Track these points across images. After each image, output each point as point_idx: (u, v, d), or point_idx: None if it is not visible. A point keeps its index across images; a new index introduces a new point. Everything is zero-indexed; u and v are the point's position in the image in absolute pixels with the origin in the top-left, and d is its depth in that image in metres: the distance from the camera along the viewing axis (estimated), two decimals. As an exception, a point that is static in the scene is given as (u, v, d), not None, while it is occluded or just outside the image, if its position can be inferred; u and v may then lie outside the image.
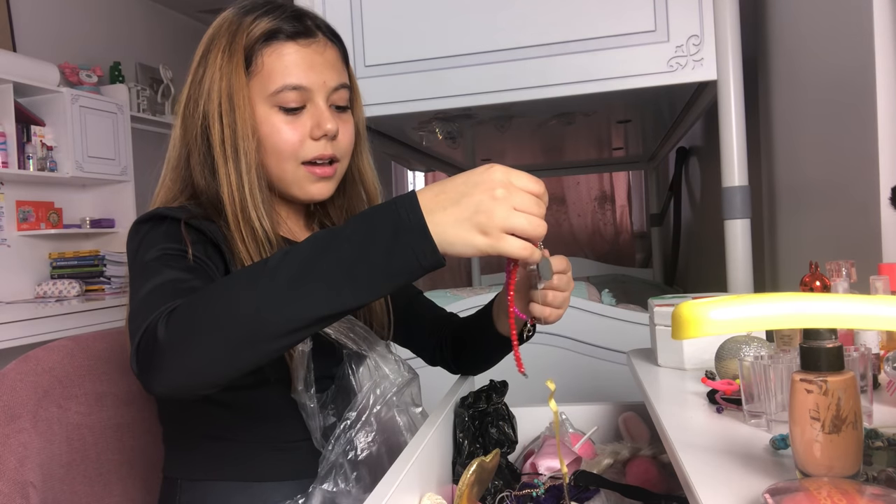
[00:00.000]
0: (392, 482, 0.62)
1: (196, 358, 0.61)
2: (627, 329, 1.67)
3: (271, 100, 0.84)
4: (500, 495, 0.88)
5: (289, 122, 0.85)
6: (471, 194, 0.60)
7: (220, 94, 0.83)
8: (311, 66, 0.85)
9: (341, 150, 0.89)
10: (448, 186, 0.61)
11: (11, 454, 0.84)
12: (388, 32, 1.73)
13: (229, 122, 0.83)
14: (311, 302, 0.60)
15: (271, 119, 0.84)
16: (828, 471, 0.50)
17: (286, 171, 0.86)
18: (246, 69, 0.84)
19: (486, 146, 2.91)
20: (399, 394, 0.85)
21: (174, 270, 0.73)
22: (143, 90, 3.94)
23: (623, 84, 1.60)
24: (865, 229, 1.13)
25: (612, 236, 4.85)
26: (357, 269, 0.59)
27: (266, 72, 0.84)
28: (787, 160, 1.60)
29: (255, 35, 0.84)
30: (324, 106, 0.86)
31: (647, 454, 0.99)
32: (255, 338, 0.61)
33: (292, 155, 0.85)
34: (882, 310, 0.44)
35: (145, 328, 0.63)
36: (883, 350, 0.80)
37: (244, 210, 0.82)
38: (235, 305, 0.60)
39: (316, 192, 0.89)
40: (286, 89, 0.84)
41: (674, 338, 0.47)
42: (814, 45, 1.38)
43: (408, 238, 0.59)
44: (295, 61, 0.84)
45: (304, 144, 0.86)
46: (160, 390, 0.62)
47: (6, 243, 3.23)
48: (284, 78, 0.84)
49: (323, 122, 0.85)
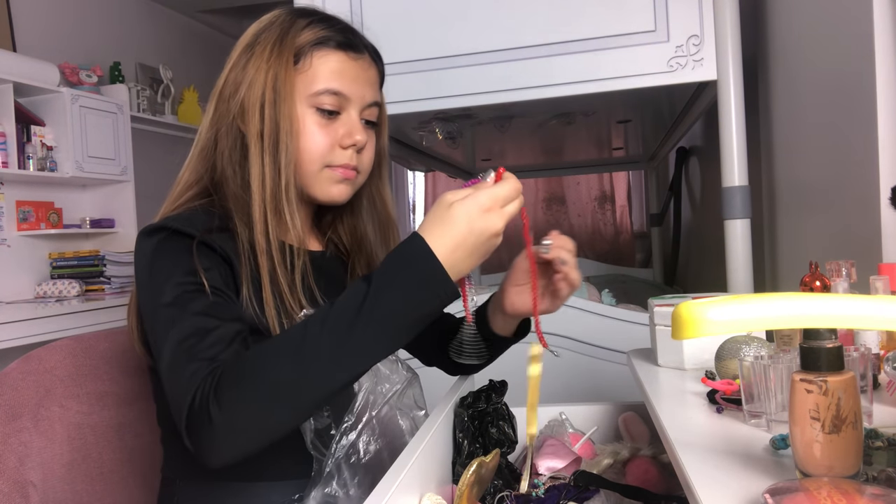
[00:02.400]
0: (392, 482, 0.62)
1: (253, 437, 0.68)
2: (627, 329, 1.67)
3: (310, 100, 0.86)
4: (500, 495, 0.88)
5: (322, 126, 0.86)
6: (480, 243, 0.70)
7: (264, 84, 0.84)
8: (355, 78, 0.88)
9: (363, 165, 0.91)
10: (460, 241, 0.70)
11: (12, 453, 0.84)
12: (388, 32, 1.73)
13: (272, 114, 0.83)
14: (357, 366, 0.70)
15: (306, 119, 0.86)
16: (828, 471, 0.50)
17: (310, 171, 0.87)
18: (294, 66, 0.86)
19: (486, 146, 2.91)
20: (400, 395, 0.85)
21: (197, 316, 0.74)
22: (143, 90, 3.94)
23: (623, 84, 1.60)
24: (865, 229, 1.13)
25: (612, 236, 4.85)
26: (398, 334, 0.70)
27: (312, 72, 0.86)
28: (787, 160, 1.60)
29: (308, 36, 0.87)
30: (357, 118, 0.89)
31: (647, 454, 0.99)
32: (307, 407, 0.70)
33: (320, 158, 0.87)
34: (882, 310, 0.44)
35: (192, 404, 0.67)
36: (883, 350, 0.80)
37: (277, 204, 0.83)
38: (286, 386, 0.67)
39: (336, 193, 0.90)
40: (328, 93, 0.86)
41: (674, 338, 0.47)
42: (814, 45, 1.38)
43: (436, 289, 0.69)
44: (342, 70, 0.87)
45: (333, 150, 0.87)
46: (219, 464, 0.68)
47: (6, 243, 3.23)
48: (329, 82, 0.86)
49: (354, 132, 0.88)
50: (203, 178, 0.87)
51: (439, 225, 0.70)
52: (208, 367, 0.69)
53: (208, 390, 0.67)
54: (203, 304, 0.75)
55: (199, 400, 0.67)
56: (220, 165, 0.86)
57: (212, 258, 0.79)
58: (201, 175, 0.88)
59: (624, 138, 2.95)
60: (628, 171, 4.69)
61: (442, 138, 2.34)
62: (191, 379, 0.69)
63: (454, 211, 0.69)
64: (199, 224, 0.80)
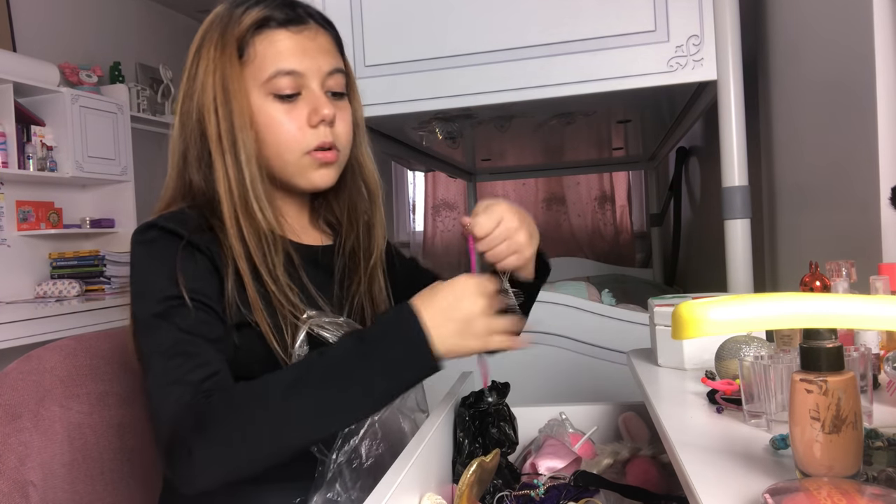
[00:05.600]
0: (392, 482, 0.63)
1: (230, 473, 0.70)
2: (627, 329, 1.67)
3: (265, 87, 0.83)
4: (500, 495, 0.88)
5: (285, 111, 0.84)
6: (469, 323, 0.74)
7: (214, 85, 0.82)
8: (304, 51, 0.84)
9: (339, 139, 0.88)
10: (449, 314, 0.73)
11: (12, 453, 0.84)
12: (388, 32, 1.73)
13: (225, 113, 0.82)
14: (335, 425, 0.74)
15: (267, 108, 0.84)
16: (828, 471, 0.50)
17: (288, 161, 0.85)
18: (239, 59, 0.84)
19: (486, 146, 2.91)
20: (403, 398, 0.85)
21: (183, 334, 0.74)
22: (143, 90, 3.94)
23: (623, 84, 1.60)
24: (865, 229, 1.13)
25: (612, 236, 4.85)
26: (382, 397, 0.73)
27: (259, 60, 0.83)
28: (787, 160, 1.60)
29: (246, 24, 0.84)
30: (319, 92, 0.85)
31: (647, 454, 0.99)
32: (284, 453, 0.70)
33: (294, 145, 0.84)
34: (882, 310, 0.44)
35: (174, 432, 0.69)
36: (883, 350, 0.80)
37: (246, 203, 0.82)
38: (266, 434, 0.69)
39: (319, 179, 0.87)
40: (279, 74, 0.83)
41: (674, 338, 0.47)
42: (814, 45, 1.38)
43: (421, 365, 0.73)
44: (287, 47, 0.84)
45: (304, 133, 0.84)
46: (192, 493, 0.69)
47: (6, 243, 3.23)
48: (277, 63, 0.83)
49: (320, 108, 0.84)
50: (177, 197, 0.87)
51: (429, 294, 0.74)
52: (192, 394, 0.71)
53: (192, 423, 0.68)
54: (189, 321, 0.75)
55: (181, 431, 0.68)
56: (189, 174, 0.85)
57: (200, 262, 0.79)
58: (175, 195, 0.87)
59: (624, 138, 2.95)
60: (628, 171, 4.69)
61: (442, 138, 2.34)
62: (176, 404, 0.70)
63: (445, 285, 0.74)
64: (190, 224, 0.80)
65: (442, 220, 5.13)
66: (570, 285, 1.95)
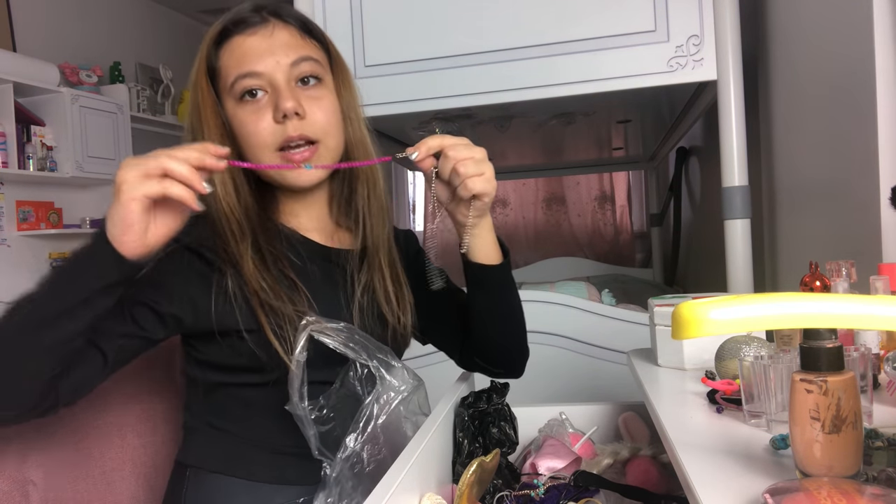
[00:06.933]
0: (392, 482, 0.63)
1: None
2: (627, 329, 1.67)
3: (232, 94, 0.86)
4: (500, 495, 0.88)
5: (253, 112, 0.85)
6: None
7: (192, 100, 0.88)
8: (259, 51, 0.85)
9: (316, 128, 0.85)
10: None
11: (13, 452, 0.84)
12: (388, 32, 1.73)
13: (199, 125, 0.87)
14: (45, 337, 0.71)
15: (237, 114, 0.85)
16: (828, 471, 0.50)
17: (263, 162, 0.85)
18: (212, 75, 0.88)
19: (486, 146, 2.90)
20: (405, 402, 0.84)
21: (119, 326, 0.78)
22: (143, 90, 3.93)
23: (623, 84, 1.60)
24: (865, 229, 1.13)
25: (612, 236, 4.85)
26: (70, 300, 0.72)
27: (224, 69, 0.86)
28: (787, 160, 1.60)
29: (208, 42, 0.87)
30: (285, 86, 0.84)
31: (647, 454, 0.99)
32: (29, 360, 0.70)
33: (263, 144, 0.84)
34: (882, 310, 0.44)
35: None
36: (883, 350, 0.80)
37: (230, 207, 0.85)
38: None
39: (293, 178, 0.86)
40: (239, 78, 0.85)
41: (674, 338, 0.47)
42: (814, 45, 1.38)
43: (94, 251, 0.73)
44: (244, 51, 0.85)
45: (272, 132, 0.84)
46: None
47: (6, 243, 3.23)
48: (238, 68, 0.85)
49: (281, 103, 0.83)
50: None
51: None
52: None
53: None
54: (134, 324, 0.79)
55: None
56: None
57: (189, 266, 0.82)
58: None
59: (624, 138, 2.95)
60: (628, 171, 4.69)
61: (442, 138, 2.33)
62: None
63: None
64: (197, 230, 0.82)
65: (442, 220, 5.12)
66: (570, 285, 1.95)
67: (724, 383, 0.80)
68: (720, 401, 0.77)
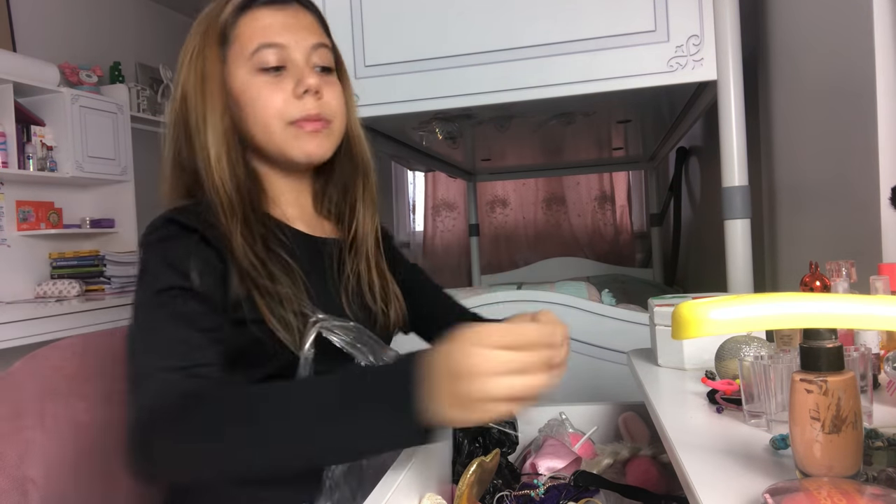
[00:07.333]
0: (392, 482, 0.62)
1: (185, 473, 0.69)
2: (627, 329, 1.67)
3: (251, 62, 0.85)
4: (500, 495, 0.88)
5: (270, 84, 0.85)
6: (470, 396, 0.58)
7: (194, 69, 0.85)
8: (287, 27, 0.86)
9: (330, 110, 0.88)
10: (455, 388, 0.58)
11: (13, 450, 0.84)
12: (388, 32, 1.73)
13: (199, 97, 0.84)
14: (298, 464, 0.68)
15: (253, 83, 0.85)
16: (828, 471, 0.50)
17: (274, 132, 0.85)
18: (224, 42, 0.86)
19: (486, 146, 2.91)
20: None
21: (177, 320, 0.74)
22: (143, 90, 3.93)
23: (623, 84, 1.60)
24: (865, 229, 1.13)
25: (612, 236, 4.85)
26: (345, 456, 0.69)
27: (244, 37, 0.86)
28: (787, 160, 1.60)
29: (229, 9, 0.87)
30: (304, 64, 0.86)
31: (647, 454, 0.99)
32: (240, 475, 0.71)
33: (277, 116, 0.85)
34: (882, 310, 0.44)
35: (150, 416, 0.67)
36: (883, 350, 0.80)
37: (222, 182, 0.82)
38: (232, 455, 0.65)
39: (311, 147, 0.86)
40: (263, 48, 0.85)
41: (674, 338, 0.47)
42: (814, 45, 1.38)
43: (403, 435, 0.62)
44: (270, 23, 0.86)
45: (288, 104, 0.85)
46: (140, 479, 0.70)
47: (6, 243, 3.23)
48: (261, 38, 0.85)
49: (304, 78, 0.85)
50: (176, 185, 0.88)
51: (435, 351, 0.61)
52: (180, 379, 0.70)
53: (171, 411, 0.67)
54: (187, 309, 0.74)
55: (158, 416, 0.67)
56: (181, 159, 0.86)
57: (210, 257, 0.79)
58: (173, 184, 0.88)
59: (624, 138, 2.95)
60: (628, 171, 4.69)
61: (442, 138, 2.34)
62: (161, 387, 0.69)
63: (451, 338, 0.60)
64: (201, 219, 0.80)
65: (442, 221, 5.12)
66: (570, 285, 1.95)
67: (724, 383, 0.80)
68: (720, 401, 0.77)
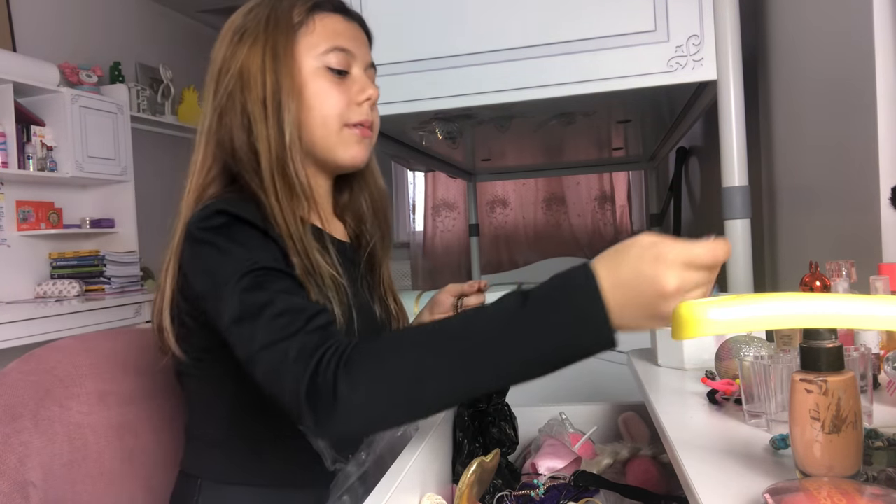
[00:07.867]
0: (392, 482, 0.63)
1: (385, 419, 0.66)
2: (627, 329, 1.66)
3: (320, 59, 0.87)
4: (500, 495, 0.88)
5: (335, 84, 0.87)
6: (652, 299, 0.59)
7: (263, 52, 0.84)
8: (355, 38, 0.91)
9: (375, 123, 0.93)
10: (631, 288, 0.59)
11: (12, 453, 0.84)
12: (389, 32, 1.73)
13: (273, 78, 0.84)
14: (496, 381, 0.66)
15: (318, 79, 0.86)
16: (828, 471, 0.50)
17: (331, 131, 0.87)
18: (292, 32, 0.86)
19: (486, 146, 2.91)
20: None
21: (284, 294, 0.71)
22: (143, 90, 3.93)
23: (623, 84, 1.60)
24: (865, 229, 1.13)
25: (612, 236, 4.85)
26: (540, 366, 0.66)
27: (318, 32, 0.87)
28: (787, 160, 1.60)
29: (301, 4, 0.87)
30: (363, 75, 0.91)
31: (647, 454, 0.99)
32: (443, 405, 0.68)
33: (337, 115, 0.87)
34: (882, 310, 0.44)
35: (314, 378, 0.64)
36: (883, 350, 0.80)
37: (283, 166, 0.82)
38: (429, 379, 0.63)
39: (358, 152, 0.90)
40: (335, 50, 0.87)
41: (674, 338, 0.47)
42: (814, 45, 1.38)
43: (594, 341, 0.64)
44: (343, 29, 0.89)
45: (349, 108, 0.88)
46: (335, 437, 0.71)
47: (6, 243, 3.23)
48: (334, 40, 0.88)
49: (367, 87, 0.89)
50: (218, 158, 0.86)
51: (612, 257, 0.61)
52: (320, 338, 0.67)
53: (335, 367, 0.64)
54: (285, 284, 0.73)
55: (322, 375, 0.64)
56: (227, 140, 0.84)
57: (271, 244, 0.78)
58: (215, 156, 0.86)
59: (624, 138, 2.95)
60: (628, 171, 4.69)
61: (442, 138, 2.33)
62: (300, 354, 0.66)
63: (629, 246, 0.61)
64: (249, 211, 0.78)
65: (442, 220, 5.12)
66: (570, 285, 1.94)
67: (724, 383, 0.79)
68: (720, 400, 0.77)
